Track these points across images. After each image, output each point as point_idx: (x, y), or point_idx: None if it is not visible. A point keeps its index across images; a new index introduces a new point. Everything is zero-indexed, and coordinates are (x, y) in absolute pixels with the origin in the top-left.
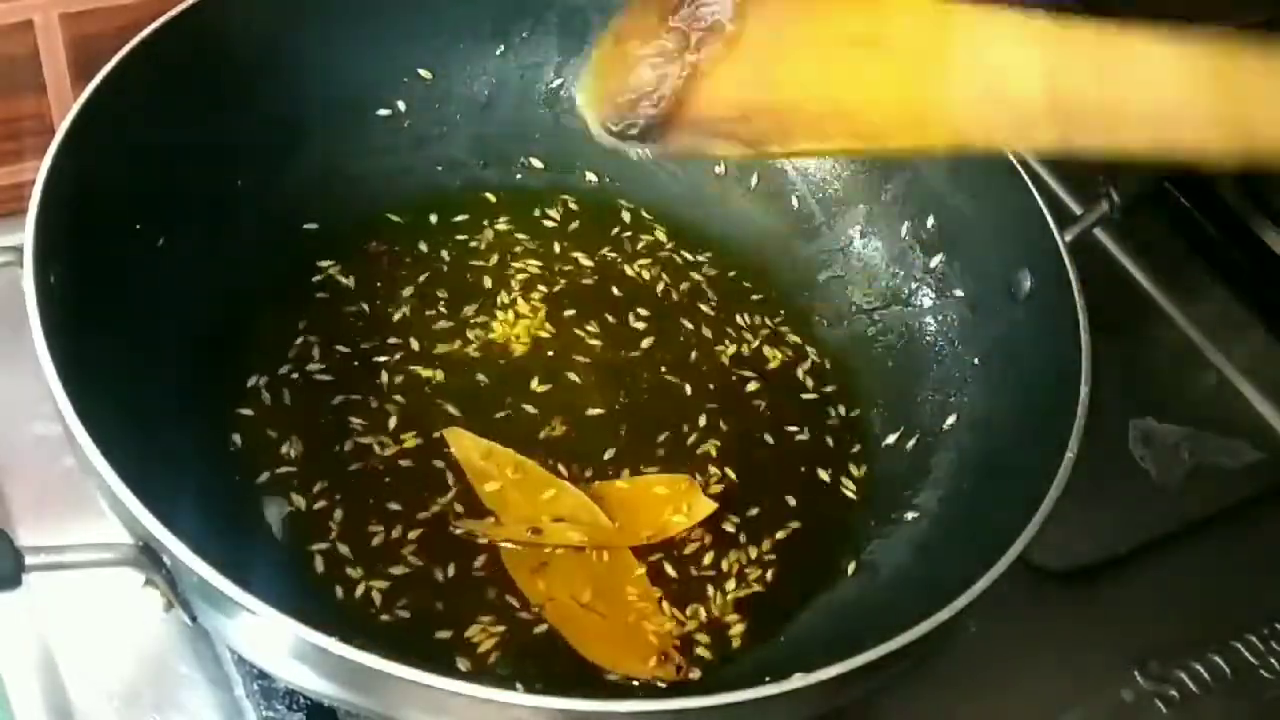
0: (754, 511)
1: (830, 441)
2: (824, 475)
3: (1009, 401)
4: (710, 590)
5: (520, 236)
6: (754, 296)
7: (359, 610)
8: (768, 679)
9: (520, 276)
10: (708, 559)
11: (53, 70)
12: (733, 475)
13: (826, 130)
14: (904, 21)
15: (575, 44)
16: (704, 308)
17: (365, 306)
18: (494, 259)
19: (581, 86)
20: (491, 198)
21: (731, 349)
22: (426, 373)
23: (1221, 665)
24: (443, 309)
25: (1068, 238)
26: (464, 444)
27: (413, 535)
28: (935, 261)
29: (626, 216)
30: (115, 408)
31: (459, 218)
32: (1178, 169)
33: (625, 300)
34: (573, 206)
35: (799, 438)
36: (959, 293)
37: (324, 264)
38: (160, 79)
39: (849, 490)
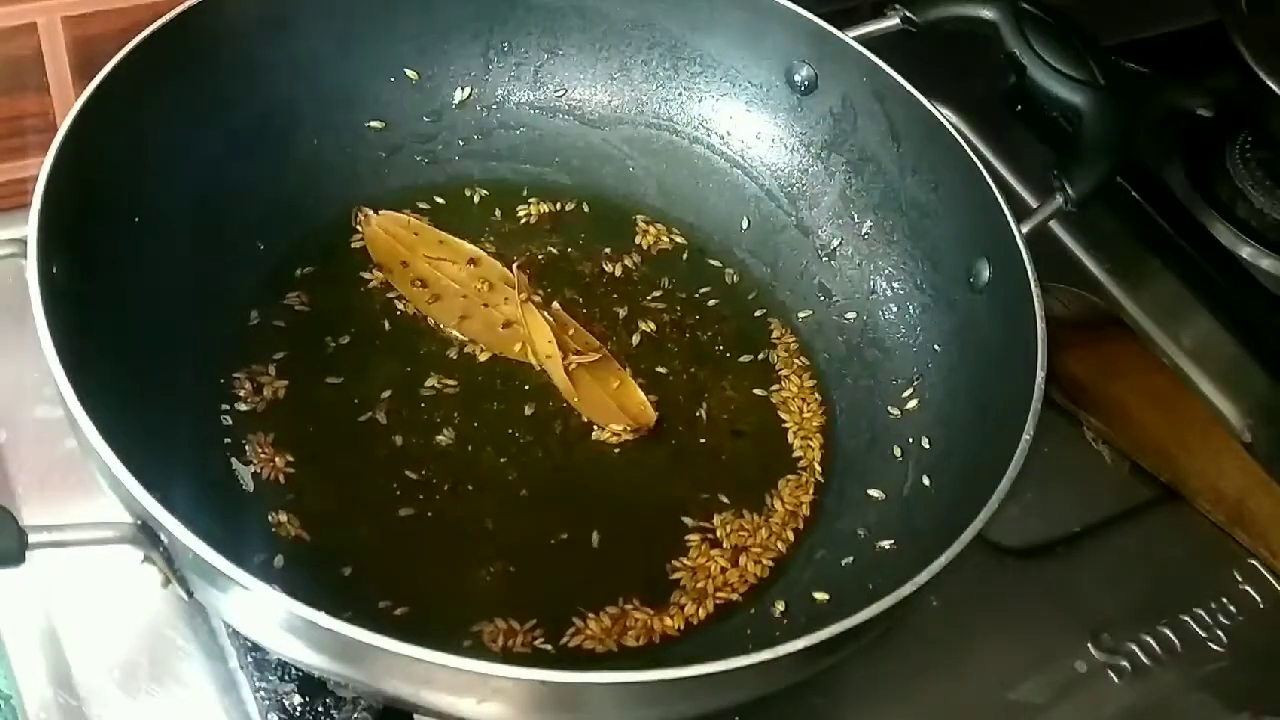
0: (721, 497)
1: (795, 423)
2: (789, 455)
3: (968, 385)
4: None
5: (505, 233)
6: (725, 284)
7: (350, 586)
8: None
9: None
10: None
11: (55, 70)
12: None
13: None
14: None
15: (555, 44)
16: (681, 295)
17: (356, 301)
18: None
19: None
20: (476, 195)
21: (702, 335)
22: (412, 360)
23: (1171, 637)
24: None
25: (1024, 229)
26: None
27: (404, 513)
28: (897, 253)
29: (606, 211)
30: (115, 392)
31: (444, 214)
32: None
33: (606, 291)
34: (555, 204)
35: (765, 419)
36: (920, 282)
37: (315, 257)
38: (159, 78)
39: (814, 470)
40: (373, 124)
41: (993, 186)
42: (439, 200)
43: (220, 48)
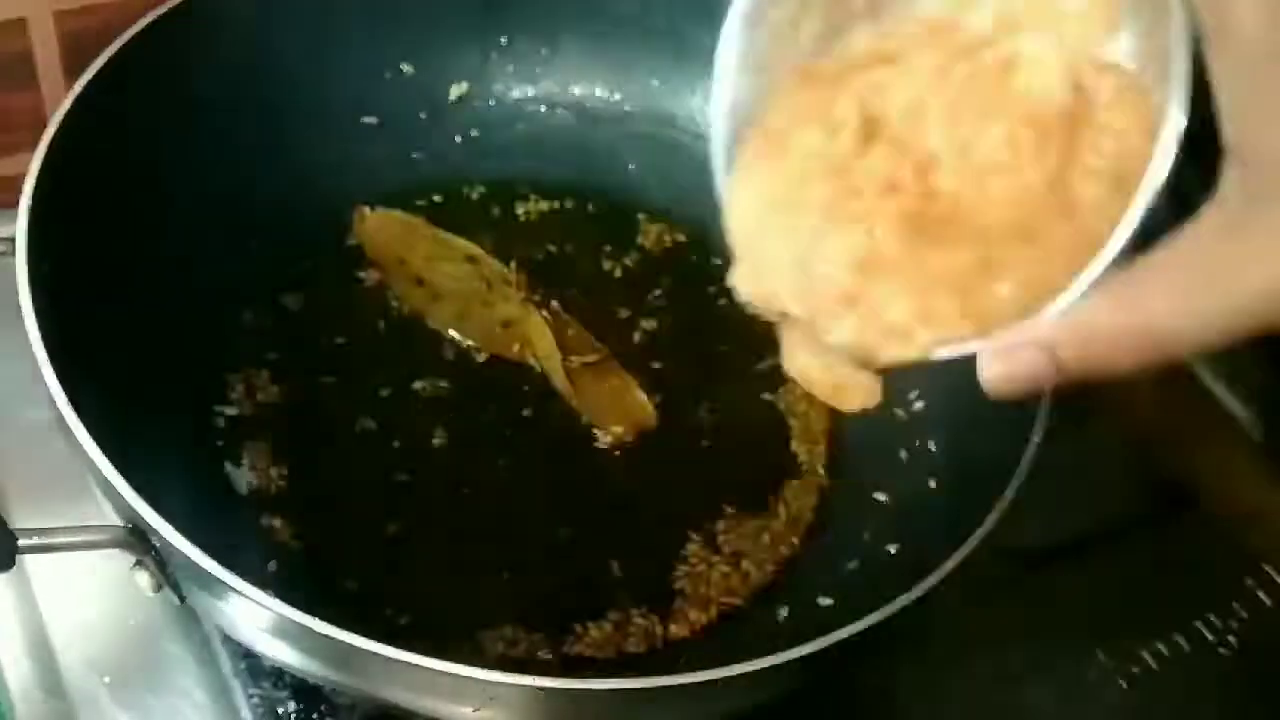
0: (724, 501)
1: (799, 426)
2: (794, 459)
3: (974, 387)
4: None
5: (503, 231)
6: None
7: (346, 592)
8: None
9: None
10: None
11: (46, 66)
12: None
13: None
14: None
15: (555, 39)
16: (683, 294)
17: (351, 300)
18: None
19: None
20: (475, 193)
21: (705, 335)
22: (408, 362)
23: (1181, 644)
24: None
25: None
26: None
27: (400, 519)
28: None
29: (607, 209)
30: (106, 393)
31: (442, 211)
32: None
33: (607, 290)
34: (555, 201)
35: (769, 422)
36: None
37: (310, 255)
38: (151, 74)
39: (818, 474)
40: (368, 120)
41: None
42: (436, 198)
43: (213, 43)
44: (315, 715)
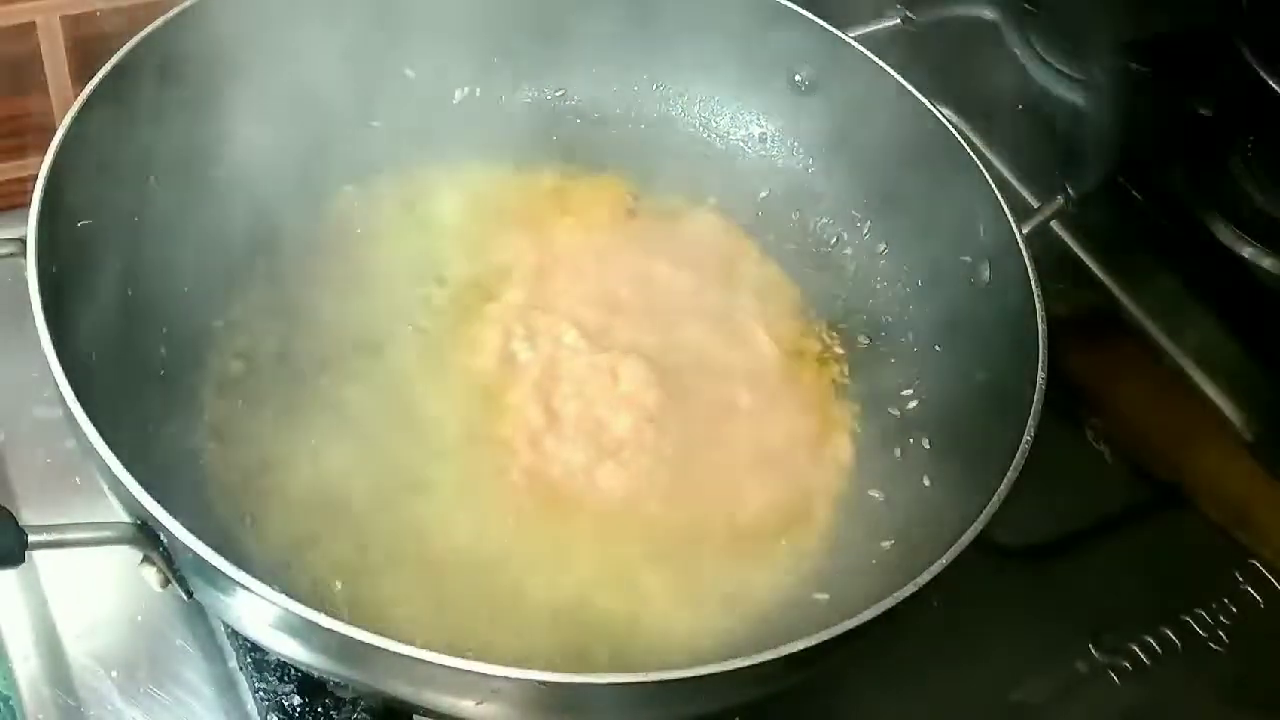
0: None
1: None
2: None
3: (968, 386)
4: None
5: (503, 231)
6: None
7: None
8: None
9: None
10: None
11: (54, 70)
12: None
13: None
14: None
15: (557, 45)
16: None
17: (349, 295)
18: (469, 246)
19: None
20: (476, 193)
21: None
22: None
23: (1172, 638)
24: (414, 294)
25: (1024, 229)
26: None
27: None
28: (898, 253)
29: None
30: (114, 391)
31: (443, 211)
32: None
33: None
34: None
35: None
36: (920, 282)
37: (312, 252)
38: (157, 78)
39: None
40: (373, 123)
41: (993, 186)
42: (438, 198)
43: (219, 46)
44: (320, 709)
